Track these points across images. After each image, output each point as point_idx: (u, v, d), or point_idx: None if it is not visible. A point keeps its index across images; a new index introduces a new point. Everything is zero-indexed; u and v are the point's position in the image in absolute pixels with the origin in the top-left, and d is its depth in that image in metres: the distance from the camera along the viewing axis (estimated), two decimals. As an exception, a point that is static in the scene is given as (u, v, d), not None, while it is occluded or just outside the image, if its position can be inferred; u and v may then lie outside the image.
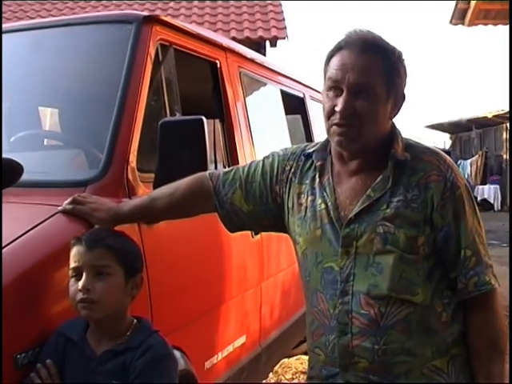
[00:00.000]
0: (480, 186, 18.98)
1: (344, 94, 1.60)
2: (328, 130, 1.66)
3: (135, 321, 1.78)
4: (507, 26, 7.67)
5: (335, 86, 1.62)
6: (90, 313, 1.68)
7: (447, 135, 24.27)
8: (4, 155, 1.87)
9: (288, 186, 1.80)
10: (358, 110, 1.59)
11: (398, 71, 1.65)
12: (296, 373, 4.71)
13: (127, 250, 1.77)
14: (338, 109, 1.60)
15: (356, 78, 1.59)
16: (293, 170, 1.81)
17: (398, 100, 1.67)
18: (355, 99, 1.59)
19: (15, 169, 1.88)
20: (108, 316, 1.70)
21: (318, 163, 1.75)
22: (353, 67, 1.59)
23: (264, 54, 10.74)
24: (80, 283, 1.66)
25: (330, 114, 1.64)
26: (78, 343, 1.70)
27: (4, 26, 2.93)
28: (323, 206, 1.69)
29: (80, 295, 1.66)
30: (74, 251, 1.71)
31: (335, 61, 1.63)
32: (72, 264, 1.70)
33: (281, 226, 1.85)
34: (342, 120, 1.60)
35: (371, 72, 1.60)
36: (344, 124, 1.60)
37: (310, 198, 1.74)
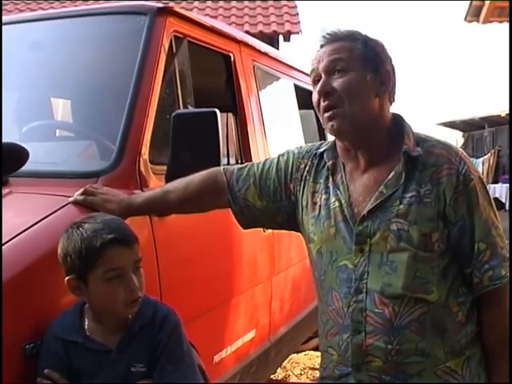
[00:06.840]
0: (492, 185, 18.81)
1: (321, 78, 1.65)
2: (323, 123, 1.68)
3: None
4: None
5: (315, 79, 1.67)
6: (136, 307, 1.64)
7: (459, 133, 24.06)
8: None
9: (302, 184, 1.79)
10: (337, 87, 1.62)
11: (373, 48, 1.67)
12: (304, 368, 4.70)
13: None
14: (317, 90, 1.65)
15: (327, 59, 1.65)
16: (307, 168, 1.80)
17: (385, 76, 1.66)
18: (331, 79, 1.63)
19: (20, 153, 1.87)
20: None
21: (330, 162, 1.75)
22: (324, 53, 1.66)
23: (277, 49, 10.70)
24: (135, 283, 1.60)
25: (317, 104, 1.67)
26: (84, 343, 1.61)
27: (18, 16, 2.93)
28: (337, 203, 1.68)
29: (134, 295, 1.60)
30: (115, 252, 1.59)
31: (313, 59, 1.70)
32: (113, 266, 1.59)
33: (293, 224, 1.84)
34: (325, 100, 1.63)
35: (341, 51, 1.65)
36: (330, 105, 1.63)
37: (324, 197, 1.72)
